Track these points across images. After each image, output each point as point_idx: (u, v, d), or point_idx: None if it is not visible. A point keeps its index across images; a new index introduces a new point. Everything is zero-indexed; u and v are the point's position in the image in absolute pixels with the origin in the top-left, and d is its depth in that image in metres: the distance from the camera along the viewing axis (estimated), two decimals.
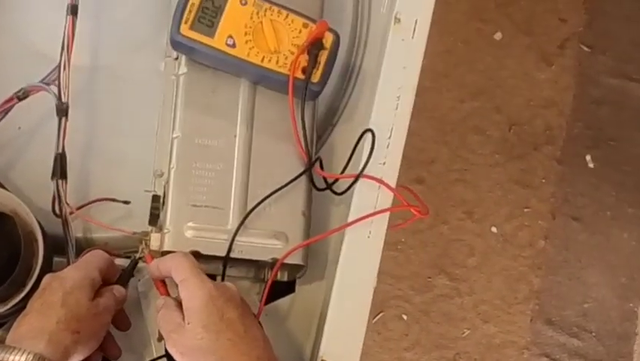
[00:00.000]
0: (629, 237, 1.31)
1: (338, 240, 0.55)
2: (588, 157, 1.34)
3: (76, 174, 0.56)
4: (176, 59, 0.54)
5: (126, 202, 0.55)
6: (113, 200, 0.55)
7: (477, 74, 1.32)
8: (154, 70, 0.58)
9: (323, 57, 0.50)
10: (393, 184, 0.51)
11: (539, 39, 1.36)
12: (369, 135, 0.50)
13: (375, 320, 1.19)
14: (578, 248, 1.30)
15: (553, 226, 1.30)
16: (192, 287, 0.44)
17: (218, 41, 0.49)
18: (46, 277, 0.46)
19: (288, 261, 0.50)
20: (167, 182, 0.51)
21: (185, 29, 0.49)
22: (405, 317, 1.19)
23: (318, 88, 0.51)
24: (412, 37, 0.52)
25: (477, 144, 1.30)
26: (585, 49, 1.37)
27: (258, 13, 0.49)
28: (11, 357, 0.40)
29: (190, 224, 0.49)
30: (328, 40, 0.51)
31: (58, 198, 0.51)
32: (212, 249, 0.49)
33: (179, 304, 0.45)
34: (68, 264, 0.51)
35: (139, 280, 0.54)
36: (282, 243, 0.50)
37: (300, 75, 0.50)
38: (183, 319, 0.44)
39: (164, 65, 0.56)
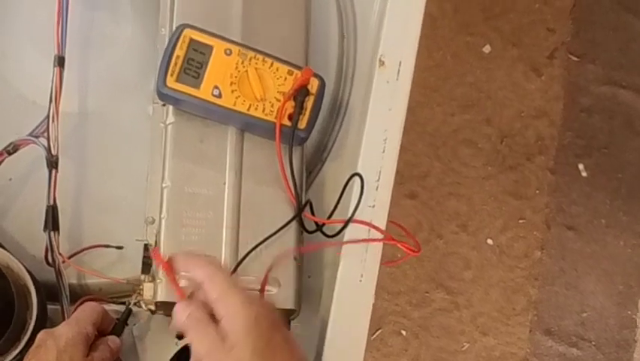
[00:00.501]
0: (624, 244, 1.32)
1: (331, 275, 0.56)
2: (581, 166, 1.35)
3: (69, 221, 0.56)
4: (164, 105, 0.54)
5: (119, 247, 0.55)
6: (106, 246, 0.55)
7: (467, 86, 1.33)
8: (143, 113, 0.58)
9: (309, 103, 0.51)
10: (383, 226, 0.51)
11: (528, 50, 1.37)
12: (357, 179, 0.51)
13: (373, 336, 1.19)
14: (573, 257, 1.31)
15: (548, 236, 1.31)
16: (235, 306, 0.40)
17: (204, 92, 0.49)
18: (41, 334, 0.46)
19: (280, 306, 0.50)
20: (159, 232, 0.51)
21: (171, 82, 0.49)
22: (404, 333, 1.20)
23: (305, 134, 0.51)
24: (397, 79, 0.53)
25: (469, 157, 1.31)
26: (574, 58, 1.38)
27: (242, 63, 0.50)
28: None
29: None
30: (314, 86, 0.51)
31: (50, 249, 0.51)
32: None
33: (211, 316, 0.41)
34: (62, 314, 0.51)
35: (134, 325, 0.54)
36: (275, 288, 0.50)
37: (286, 122, 0.50)
38: (222, 339, 0.40)
39: (152, 109, 0.56)
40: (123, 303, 0.54)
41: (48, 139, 0.52)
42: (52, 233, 0.51)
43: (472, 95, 1.33)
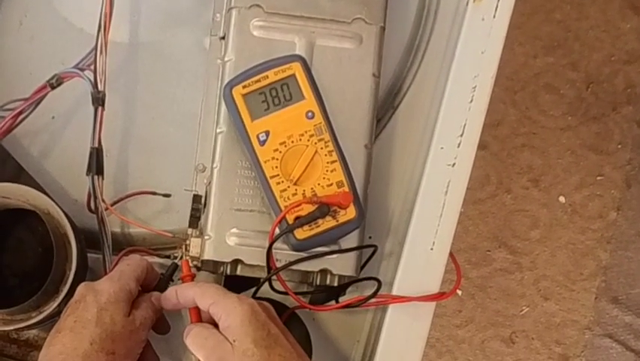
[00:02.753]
0: None
1: (395, 241, 0.50)
2: None
3: (114, 163, 0.52)
4: (223, 38, 0.48)
5: (166, 195, 0.51)
6: (153, 193, 0.51)
7: (553, 24, 1.19)
8: (198, 46, 0.52)
9: (325, 225, 0.43)
10: (461, 193, 0.44)
11: None
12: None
13: None
14: None
15: (627, 196, 1.19)
16: (229, 305, 0.40)
17: (253, 127, 0.43)
18: (81, 288, 0.43)
19: (338, 273, 0.45)
20: (210, 183, 0.46)
21: (237, 92, 0.43)
22: (459, 292, 1.14)
23: (297, 246, 0.44)
24: (494, 16, 0.44)
25: (549, 104, 1.19)
26: None
27: (311, 137, 0.43)
28: None
29: (233, 230, 0.45)
30: (345, 215, 0.43)
31: (93, 195, 0.47)
32: (257, 258, 0.45)
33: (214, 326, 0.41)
34: (104, 264, 0.48)
35: (178, 280, 0.51)
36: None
37: (290, 220, 0.43)
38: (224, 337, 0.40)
39: (209, 42, 0.50)
40: (167, 256, 0.50)
41: (95, 73, 0.47)
42: (95, 178, 0.47)
43: (558, 35, 1.19)
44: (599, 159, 1.20)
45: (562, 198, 1.18)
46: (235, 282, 0.49)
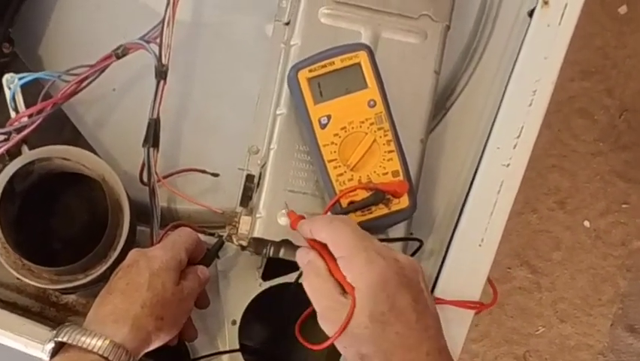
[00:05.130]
0: None
1: (439, 238, 0.50)
2: None
3: (166, 139, 0.52)
4: (287, 24, 0.49)
5: (215, 175, 0.52)
6: (203, 171, 0.52)
7: (593, 50, 1.20)
8: (258, 32, 0.53)
9: (377, 212, 0.43)
10: (514, 192, 0.45)
11: None
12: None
13: None
14: None
15: None
16: (358, 267, 0.37)
17: (315, 111, 0.43)
18: (133, 253, 0.44)
19: None
20: (265, 163, 0.46)
21: (302, 75, 0.43)
22: None
23: None
24: (559, 24, 0.45)
25: (581, 129, 1.19)
26: None
27: (371, 125, 0.43)
28: (90, 341, 0.38)
29: (285, 211, 0.45)
30: (398, 204, 0.43)
31: (147, 166, 0.48)
32: (305, 240, 0.45)
33: (331, 269, 0.38)
34: (152, 236, 0.49)
35: (219, 258, 0.51)
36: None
37: (344, 204, 0.43)
38: (341, 293, 0.37)
39: (272, 28, 0.50)
40: (211, 234, 0.51)
41: (160, 46, 0.47)
42: (151, 149, 0.48)
43: (596, 61, 1.19)
44: (626, 187, 1.19)
45: (586, 223, 1.17)
46: (275, 266, 0.49)
